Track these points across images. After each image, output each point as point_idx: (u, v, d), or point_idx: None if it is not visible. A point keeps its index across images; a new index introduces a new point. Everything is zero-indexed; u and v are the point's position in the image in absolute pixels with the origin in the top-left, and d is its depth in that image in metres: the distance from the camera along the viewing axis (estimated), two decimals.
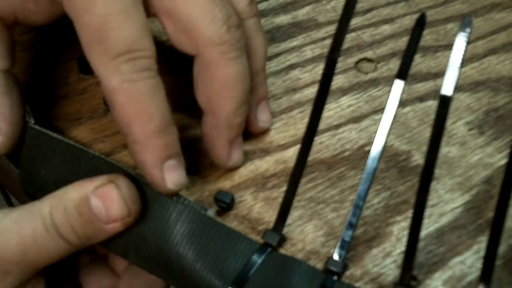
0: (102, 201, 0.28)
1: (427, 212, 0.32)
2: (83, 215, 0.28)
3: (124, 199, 0.28)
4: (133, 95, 0.27)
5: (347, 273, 0.30)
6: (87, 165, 0.31)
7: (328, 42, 0.28)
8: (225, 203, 0.31)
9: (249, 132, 0.34)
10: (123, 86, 0.27)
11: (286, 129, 0.36)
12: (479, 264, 0.30)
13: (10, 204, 1.04)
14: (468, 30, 0.24)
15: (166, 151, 0.28)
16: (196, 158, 0.34)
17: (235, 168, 0.33)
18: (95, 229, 0.28)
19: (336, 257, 0.30)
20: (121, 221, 0.28)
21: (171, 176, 0.29)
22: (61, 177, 0.31)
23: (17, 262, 0.28)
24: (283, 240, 0.31)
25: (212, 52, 0.29)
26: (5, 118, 0.30)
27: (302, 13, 0.42)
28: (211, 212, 0.30)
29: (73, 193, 0.28)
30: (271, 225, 0.31)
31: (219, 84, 0.29)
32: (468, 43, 0.24)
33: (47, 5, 0.31)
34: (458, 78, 0.24)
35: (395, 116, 0.29)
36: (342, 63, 0.39)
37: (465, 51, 0.24)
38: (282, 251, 0.31)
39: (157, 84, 0.28)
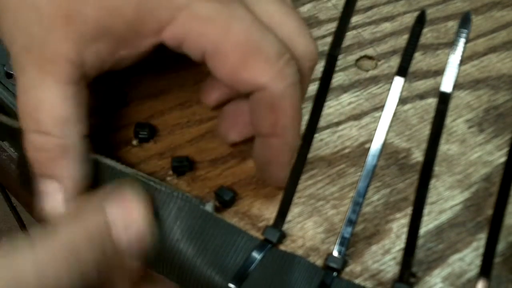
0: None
1: (427, 209, 0.32)
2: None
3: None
4: (296, 99, 0.28)
5: (347, 269, 0.30)
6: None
7: (329, 39, 0.28)
8: (224, 200, 0.31)
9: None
10: (290, 89, 0.28)
11: None
12: (478, 261, 0.31)
13: (10, 204, 1.04)
14: (467, 27, 0.24)
15: None
16: (197, 155, 0.34)
17: (236, 164, 0.34)
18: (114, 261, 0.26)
19: (335, 253, 0.30)
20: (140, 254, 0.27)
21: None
22: None
23: None
24: (283, 236, 0.31)
25: (280, 85, 0.28)
26: (76, 187, 0.28)
27: (303, 10, 0.42)
28: (209, 207, 0.30)
29: None
30: (271, 221, 0.31)
31: (289, 110, 0.29)
32: (468, 40, 0.24)
33: (144, 45, 0.28)
34: (458, 76, 0.24)
35: (395, 113, 0.29)
36: (342, 60, 0.39)
37: (465, 48, 0.24)
38: (282, 247, 0.31)
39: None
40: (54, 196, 0.28)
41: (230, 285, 0.28)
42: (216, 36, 0.27)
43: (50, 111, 0.27)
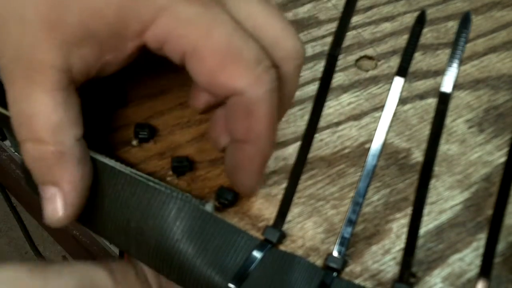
0: None
1: (427, 209, 0.32)
2: None
3: None
4: (273, 106, 0.28)
5: (347, 269, 0.30)
6: None
7: (329, 39, 0.28)
8: (226, 200, 0.31)
9: None
10: (268, 95, 0.28)
11: (287, 126, 0.36)
12: (478, 261, 0.31)
13: (10, 204, 1.04)
14: (467, 27, 0.24)
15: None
16: (197, 155, 0.34)
17: None
18: None
19: (335, 253, 0.30)
20: None
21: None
22: None
23: None
24: (283, 236, 0.31)
25: (257, 91, 0.28)
26: (75, 189, 0.28)
27: (303, 10, 0.42)
28: (208, 207, 0.30)
29: None
30: (271, 221, 0.31)
31: (264, 117, 0.28)
32: (468, 40, 0.24)
33: (128, 48, 0.28)
34: (458, 76, 0.24)
35: (395, 113, 0.29)
36: (342, 60, 0.39)
37: (465, 48, 0.24)
38: (282, 247, 0.31)
39: None
40: (54, 202, 0.28)
41: (230, 285, 0.28)
42: (196, 38, 0.27)
43: (42, 120, 0.27)
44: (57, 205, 0.28)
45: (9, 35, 0.27)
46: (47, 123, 0.27)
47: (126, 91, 0.36)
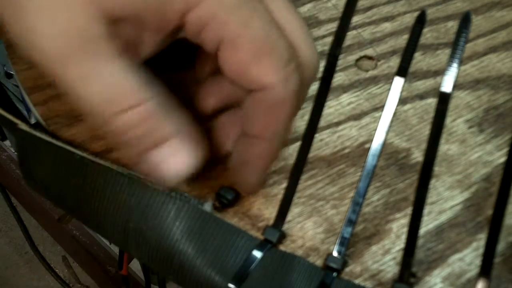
0: None
1: (427, 209, 0.32)
2: None
3: None
4: (295, 106, 0.28)
5: (347, 269, 0.30)
6: (76, 166, 0.31)
7: (329, 39, 0.28)
8: (227, 199, 0.31)
9: None
10: (293, 96, 0.28)
11: None
12: (478, 262, 0.31)
13: (10, 204, 1.05)
14: (467, 27, 0.24)
15: None
16: None
17: None
18: None
19: (335, 253, 0.30)
20: None
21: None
22: (55, 176, 0.31)
23: None
24: (283, 236, 0.31)
25: (285, 89, 0.28)
26: (191, 133, 0.28)
27: (303, 10, 0.42)
28: (207, 206, 0.30)
29: None
30: (271, 221, 0.31)
31: (284, 116, 0.28)
32: (468, 40, 0.24)
33: (168, 28, 0.27)
34: (458, 76, 0.24)
35: (395, 113, 0.29)
36: (342, 60, 0.39)
37: (465, 48, 0.24)
38: (281, 247, 0.31)
39: None
40: (175, 156, 0.27)
41: (230, 285, 0.28)
42: (236, 26, 0.27)
43: (122, 86, 0.25)
44: (179, 158, 0.27)
45: (50, 12, 0.25)
46: (128, 86, 0.25)
47: None
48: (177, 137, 0.27)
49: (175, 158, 0.27)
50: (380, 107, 0.37)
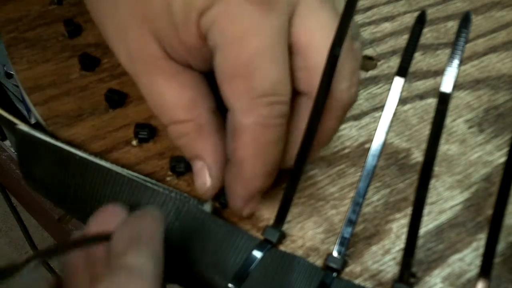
0: None
1: (427, 209, 0.32)
2: None
3: None
4: (260, 140, 0.27)
5: (347, 269, 0.30)
6: (75, 166, 0.31)
7: None
8: (226, 200, 0.31)
9: None
10: (254, 128, 0.27)
11: None
12: (478, 262, 0.31)
13: (10, 204, 1.05)
14: (467, 27, 0.24)
15: (260, 193, 0.30)
16: None
17: None
18: None
19: (335, 253, 0.30)
20: None
21: (250, 206, 0.30)
22: (54, 176, 0.31)
23: None
24: (283, 236, 0.31)
25: (244, 118, 0.27)
26: (216, 161, 0.30)
27: None
28: (207, 207, 0.30)
29: None
30: (271, 221, 0.31)
31: (248, 147, 0.28)
32: (468, 40, 0.24)
33: (191, 37, 0.28)
34: (458, 76, 0.24)
35: (395, 113, 0.29)
36: None
37: (465, 48, 0.24)
38: (282, 247, 0.31)
39: (283, 132, 0.28)
40: (201, 174, 0.30)
41: (230, 285, 0.28)
42: (229, 36, 0.26)
43: (174, 102, 0.29)
44: (205, 177, 0.30)
45: (116, 33, 0.30)
46: (179, 103, 0.29)
47: (125, 92, 0.36)
48: (201, 159, 0.30)
49: (200, 175, 0.30)
50: (380, 107, 0.37)
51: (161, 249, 0.24)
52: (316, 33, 0.28)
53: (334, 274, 0.30)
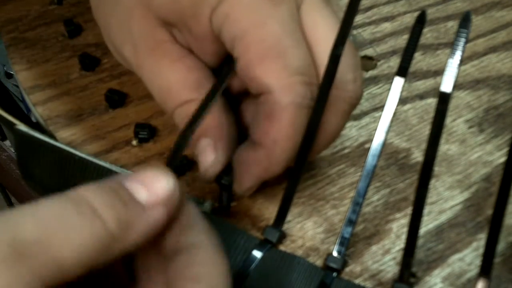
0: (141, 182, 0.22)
1: (427, 209, 0.32)
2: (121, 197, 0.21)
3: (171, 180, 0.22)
4: (295, 121, 0.27)
5: (347, 269, 0.30)
6: (74, 166, 0.31)
7: None
8: (227, 180, 0.30)
9: None
10: (292, 108, 0.27)
11: None
12: (478, 262, 0.31)
13: (10, 204, 1.05)
14: (467, 27, 0.24)
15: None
16: None
17: None
18: (133, 212, 0.21)
19: (335, 253, 0.30)
20: (165, 205, 0.22)
21: (254, 188, 0.30)
22: (53, 176, 0.31)
23: (34, 251, 0.18)
24: (283, 236, 0.31)
25: (284, 97, 0.27)
26: (222, 135, 0.29)
27: None
28: (207, 207, 0.30)
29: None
30: (271, 221, 0.31)
31: (284, 126, 0.28)
32: (468, 40, 0.24)
33: (202, 31, 0.29)
34: (458, 76, 0.24)
35: (395, 113, 0.29)
36: None
37: (465, 48, 0.24)
38: (282, 247, 0.31)
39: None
40: (207, 150, 0.29)
41: None
42: (249, 24, 0.27)
43: (181, 83, 0.29)
44: (210, 153, 0.29)
45: (122, 26, 0.30)
46: (186, 83, 0.29)
47: (125, 92, 0.36)
48: (207, 136, 0.29)
49: (205, 153, 0.29)
50: (380, 107, 0.37)
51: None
52: (320, 27, 0.29)
53: (334, 274, 0.30)
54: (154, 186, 0.22)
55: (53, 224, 0.19)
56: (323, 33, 0.28)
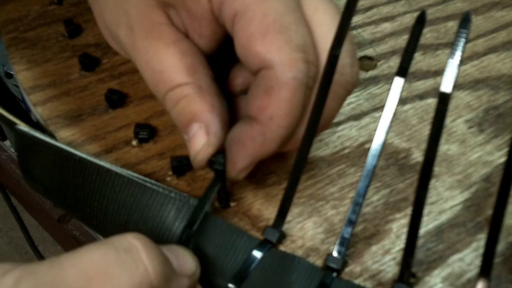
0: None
1: (427, 209, 0.32)
2: None
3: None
4: (295, 98, 0.27)
5: (347, 270, 0.30)
6: (74, 166, 0.31)
7: None
8: (221, 164, 0.30)
9: None
10: (293, 84, 0.27)
11: None
12: (478, 262, 0.31)
13: (10, 204, 1.05)
14: (467, 27, 0.24)
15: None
16: None
17: None
18: (172, 273, 0.24)
19: (335, 254, 0.30)
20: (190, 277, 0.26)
21: (247, 170, 0.30)
22: (54, 176, 0.31)
23: None
24: (282, 236, 0.31)
25: (286, 72, 0.27)
26: (214, 118, 0.29)
27: None
28: (207, 207, 0.30)
29: None
30: (271, 221, 0.31)
31: (283, 102, 0.28)
32: (468, 40, 0.24)
33: (201, 11, 0.29)
34: (458, 76, 0.24)
35: (395, 113, 0.29)
36: None
37: (464, 48, 0.24)
38: (282, 247, 0.31)
39: (307, 101, 0.28)
40: (198, 134, 0.29)
41: (230, 285, 0.28)
42: (250, 0, 0.27)
43: (175, 66, 0.29)
44: (201, 136, 0.29)
45: (120, 6, 0.30)
46: (180, 67, 0.29)
47: (125, 93, 0.36)
48: (198, 120, 0.29)
49: (196, 136, 0.29)
50: (380, 107, 0.37)
51: None
52: (320, 11, 0.29)
53: (334, 274, 0.30)
54: (182, 260, 0.25)
55: (93, 273, 0.22)
56: (323, 16, 0.28)
